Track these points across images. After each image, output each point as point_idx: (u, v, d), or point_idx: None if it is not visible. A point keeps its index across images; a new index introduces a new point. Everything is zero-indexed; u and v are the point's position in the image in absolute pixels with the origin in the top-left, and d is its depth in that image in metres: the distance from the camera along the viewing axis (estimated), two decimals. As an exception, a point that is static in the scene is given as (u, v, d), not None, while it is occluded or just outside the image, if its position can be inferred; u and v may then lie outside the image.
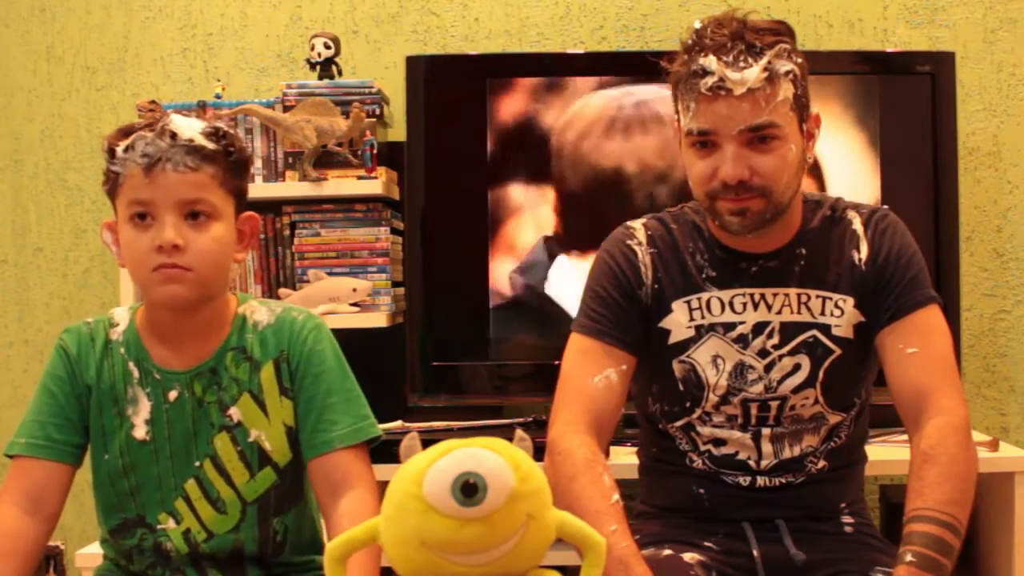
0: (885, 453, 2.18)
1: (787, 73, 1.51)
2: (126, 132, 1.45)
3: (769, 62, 1.49)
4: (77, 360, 1.52)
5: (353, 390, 1.53)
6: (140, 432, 1.49)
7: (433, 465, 1.00)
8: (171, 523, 1.50)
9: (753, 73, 1.48)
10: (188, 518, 1.50)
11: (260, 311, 1.54)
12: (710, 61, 1.48)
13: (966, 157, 2.60)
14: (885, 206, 1.69)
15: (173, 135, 1.42)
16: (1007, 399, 2.66)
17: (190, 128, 1.44)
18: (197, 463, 1.50)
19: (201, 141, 1.44)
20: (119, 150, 1.43)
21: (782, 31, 1.54)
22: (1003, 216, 2.65)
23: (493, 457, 1.00)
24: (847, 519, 1.65)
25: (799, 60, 1.54)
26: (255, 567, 1.53)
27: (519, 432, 1.08)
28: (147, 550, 1.51)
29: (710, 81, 1.48)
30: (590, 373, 1.59)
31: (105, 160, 1.46)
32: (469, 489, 0.97)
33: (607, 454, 1.89)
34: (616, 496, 1.48)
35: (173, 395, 1.50)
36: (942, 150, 2.41)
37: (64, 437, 1.50)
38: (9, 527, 1.44)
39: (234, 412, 1.50)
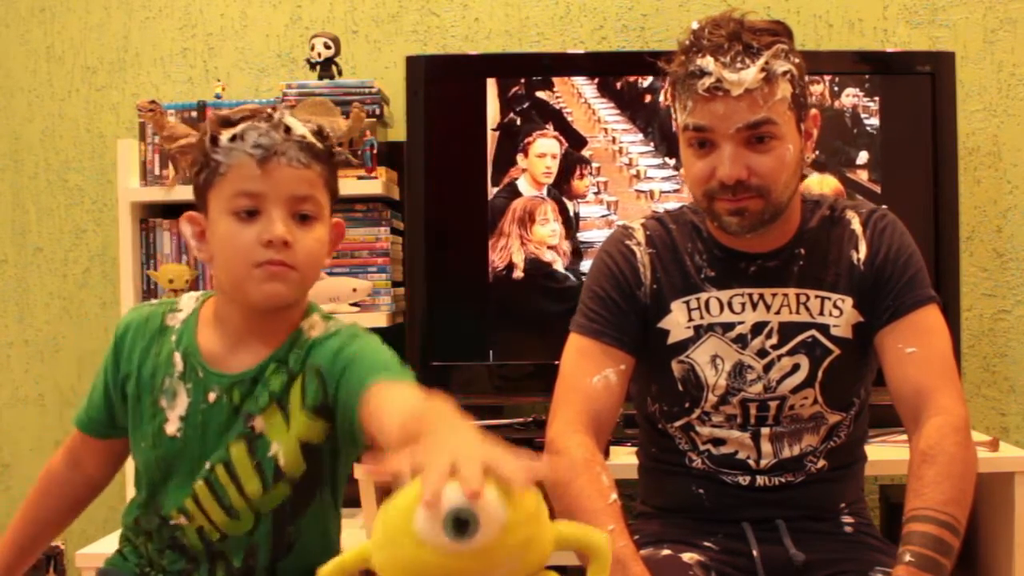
0: (885, 453, 2.18)
1: (784, 73, 1.50)
2: (229, 121, 1.40)
3: (767, 63, 1.48)
4: (122, 347, 1.51)
5: (395, 359, 1.45)
6: (172, 427, 1.46)
7: (423, 501, 0.98)
8: (183, 520, 1.48)
9: (750, 74, 1.47)
10: (199, 517, 1.48)
11: (319, 326, 1.49)
12: (707, 62, 1.48)
13: (966, 157, 2.60)
14: (884, 206, 1.69)
15: (287, 128, 1.39)
16: (1007, 399, 2.65)
17: (300, 125, 1.41)
18: (208, 465, 1.47)
19: (311, 139, 1.41)
20: (224, 139, 1.38)
21: (779, 31, 1.53)
22: (1003, 216, 2.65)
23: (484, 490, 0.98)
24: (847, 519, 1.65)
25: (797, 60, 1.54)
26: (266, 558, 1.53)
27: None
28: (165, 538, 1.51)
29: (708, 82, 1.48)
30: (588, 373, 1.59)
31: (204, 149, 1.41)
32: (461, 525, 0.95)
33: (606, 453, 1.90)
34: (614, 496, 1.48)
35: (212, 397, 1.45)
36: (942, 150, 2.41)
37: (99, 417, 1.56)
38: (53, 472, 1.61)
39: (258, 422, 1.45)
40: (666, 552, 1.56)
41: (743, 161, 1.50)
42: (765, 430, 1.61)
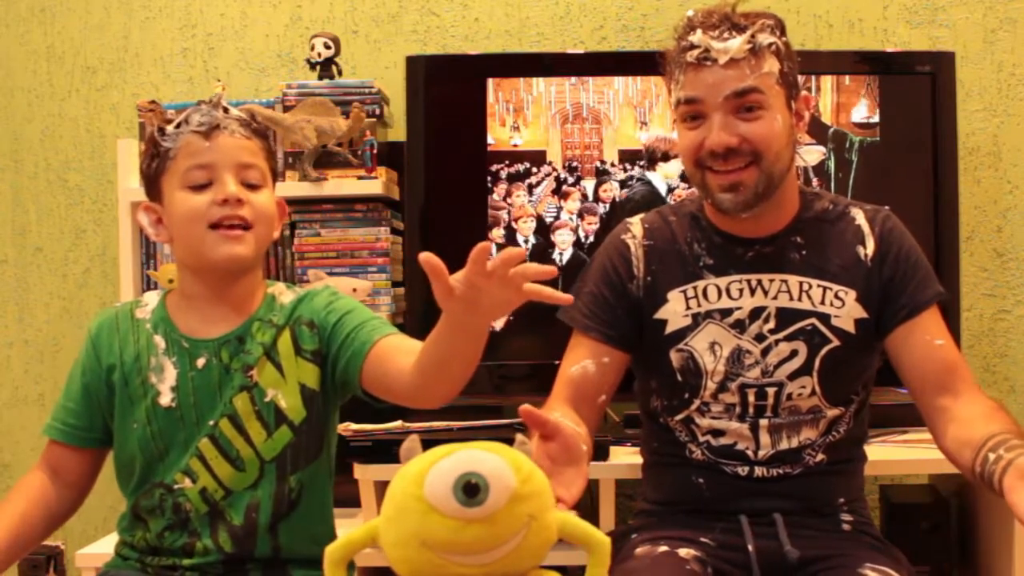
0: (885, 453, 2.17)
1: (770, 45, 1.56)
2: (171, 119, 1.56)
3: (752, 35, 1.54)
4: (99, 344, 1.60)
5: (382, 319, 1.60)
6: (166, 399, 1.55)
7: (434, 466, 1.00)
8: (187, 482, 1.55)
9: (736, 43, 1.54)
10: (204, 476, 1.54)
11: (287, 293, 1.62)
12: (696, 35, 1.55)
13: (966, 157, 2.60)
14: (886, 207, 1.71)
15: (225, 109, 1.57)
16: (1007, 399, 2.65)
17: (233, 108, 1.59)
18: (212, 422, 1.54)
19: (246, 118, 1.59)
20: (169, 128, 1.53)
21: (768, 15, 1.59)
22: (1003, 216, 2.65)
23: (494, 458, 1.00)
24: (845, 516, 1.66)
25: (784, 39, 1.59)
26: (267, 537, 1.56)
27: (519, 436, 1.08)
28: (167, 510, 1.55)
29: (696, 52, 1.55)
30: (569, 364, 1.66)
31: (154, 140, 1.55)
32: (471, 489, 0.97)
33: (607, 453, 1.91)
34: (582, 429, 1.51)
35: (201, 362, 1.56)
36: (942, 150, 2.41)
37: (77, 422, 1.61)
38: (32, 481, 1.62)
39: (254, 373, 1.56)
40: (663, 548, 1.57)
41: (733, 129, 1.55)
42: (764, 421, 1.63)
